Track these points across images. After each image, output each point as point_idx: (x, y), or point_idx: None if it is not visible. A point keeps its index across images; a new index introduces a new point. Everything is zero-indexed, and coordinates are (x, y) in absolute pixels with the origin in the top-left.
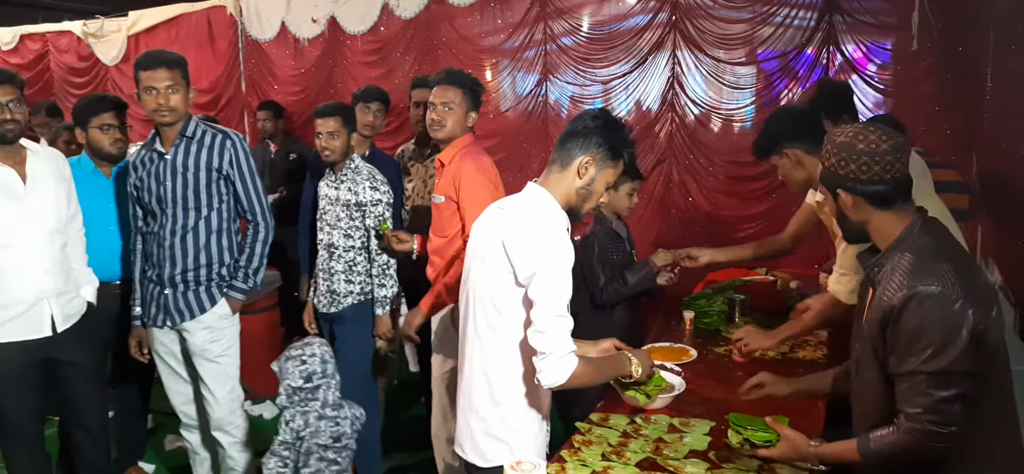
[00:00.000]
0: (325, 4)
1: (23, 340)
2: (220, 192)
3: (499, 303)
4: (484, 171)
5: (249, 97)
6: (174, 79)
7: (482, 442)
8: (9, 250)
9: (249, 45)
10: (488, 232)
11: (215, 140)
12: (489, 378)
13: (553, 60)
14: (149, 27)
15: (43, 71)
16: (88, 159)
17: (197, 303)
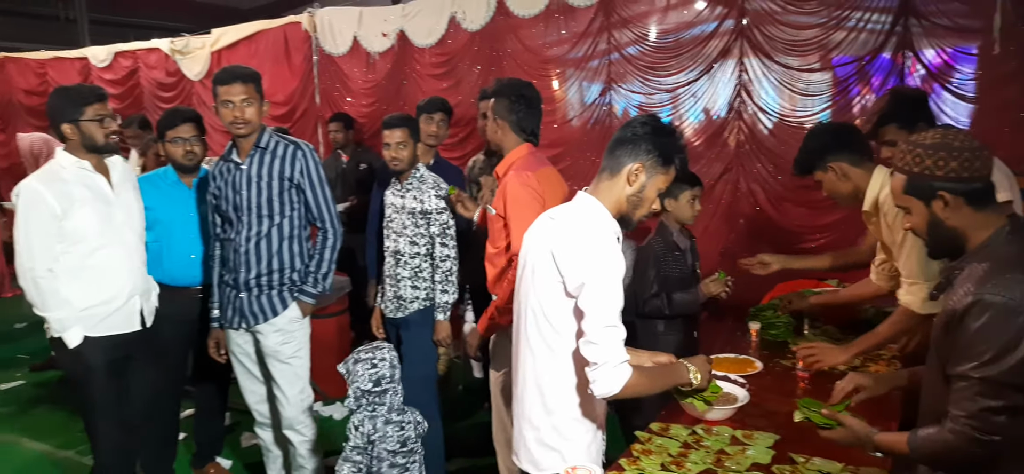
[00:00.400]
0: (395, 18)
1: (118, 334)
2: (292, 200)
3: (550, 313)
4: (527, 186)
5: (322, 109)
6: (249, 93)
7: (535, 451)
8: (106, 250)
9: (323, 59)
10: (538, 242)
11: (287, 151)
12: (541, 388)
13: (617, 69)
14: (230, 44)
15: (134, 86)
16: (172, 170)
17: (270, 306)
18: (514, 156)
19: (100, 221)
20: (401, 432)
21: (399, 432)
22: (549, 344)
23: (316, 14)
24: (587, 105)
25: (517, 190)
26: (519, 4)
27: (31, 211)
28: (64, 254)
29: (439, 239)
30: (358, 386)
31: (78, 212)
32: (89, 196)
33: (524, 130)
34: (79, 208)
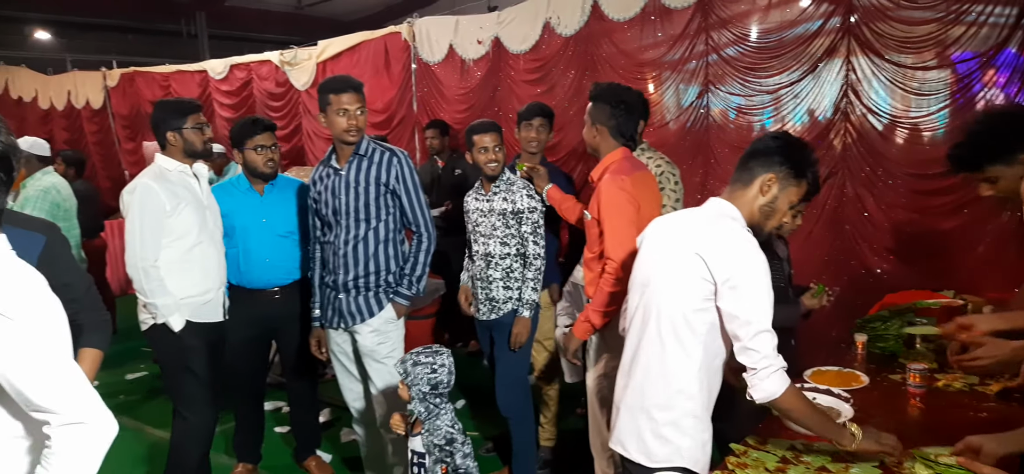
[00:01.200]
0: (490, 26)
1: (210, 322)
2: (387, 205)
3: (688, 312)
4: (623, 190)
5: (419, 116)
6: (361, 102)
7: (651, 442)
8: (201, 247)
9: (420, 67)
10: (677, 242)
11: (384, 157)
12: (668, 382)
13: (716, 71)
14: (334, 54)
15: (247, 96)
16: (244, 178)
17: (367, 307)
18: (609, 160)
19: (198, 220)
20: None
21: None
22: (682, 341)
23: (415, 24)
24: (684, 108)
25: (612, 194)
26: (614, 8)
27: (145, 206)
28: (168, 248)
29: (532, 238)
30: (420, 388)
31: (182, 210)
32: (189, 197)
33: (622, 135)
34: (183, 207)
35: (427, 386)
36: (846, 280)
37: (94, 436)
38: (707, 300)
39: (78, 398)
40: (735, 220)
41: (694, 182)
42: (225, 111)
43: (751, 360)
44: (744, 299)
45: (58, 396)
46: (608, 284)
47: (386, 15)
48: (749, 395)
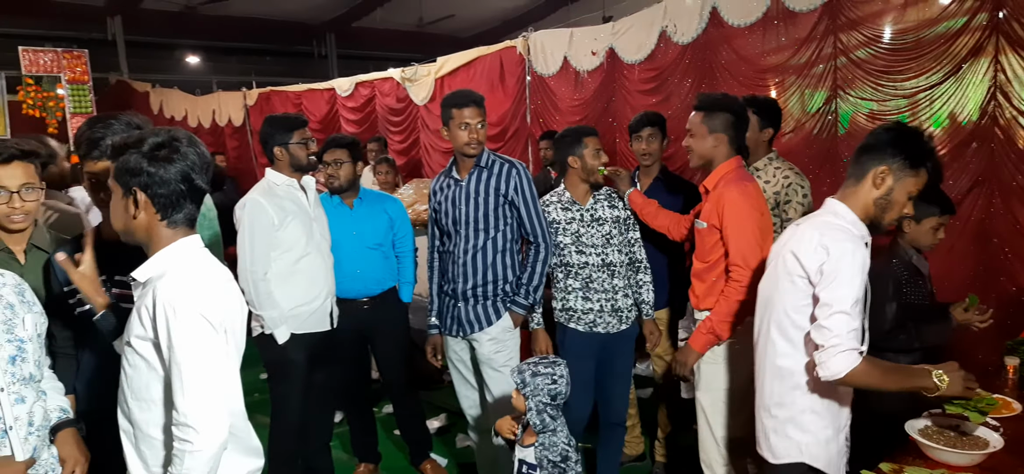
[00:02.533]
0: (604, 36)
1: (314, 332)
2: (505, 215)
3: (789, 308)
4: (748, 197)
5: (533, 128)
6: (482, 116)
7: (772, 438)
8: (309, 258)
9: (535, 80)
10: (780, 243)
11: (503, 168)
12: (780, 378)
13: (844, 75)
14: (452, 70)
15: (371, 112)
16: (334, 194)
17: (485, 315)
18: (726, 168)
19: (305, 232)
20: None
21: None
22: (789, 337)
23: (529, 38)
24: (809, 114)
25: (737, 200)
26: (734, 13)
27: (254, 220)
28: (276, 260)
29: (639, 242)
30: (539, 399)
31: (289, 223)
32: (296, 209)
33: (737, 143)
34: (290, 220)
35: (547, 397)
36: (994, 298)
37: (199, 442)
38: (806, 296)
39: (199, 405)
40: (836, 216)
41: (821, 192)
42: (350, 126)
43: (822, 337)
44: (828, 284)
45: (184, 398)
46: (735, 293)
47: (501, 30)
48: (816, 372)
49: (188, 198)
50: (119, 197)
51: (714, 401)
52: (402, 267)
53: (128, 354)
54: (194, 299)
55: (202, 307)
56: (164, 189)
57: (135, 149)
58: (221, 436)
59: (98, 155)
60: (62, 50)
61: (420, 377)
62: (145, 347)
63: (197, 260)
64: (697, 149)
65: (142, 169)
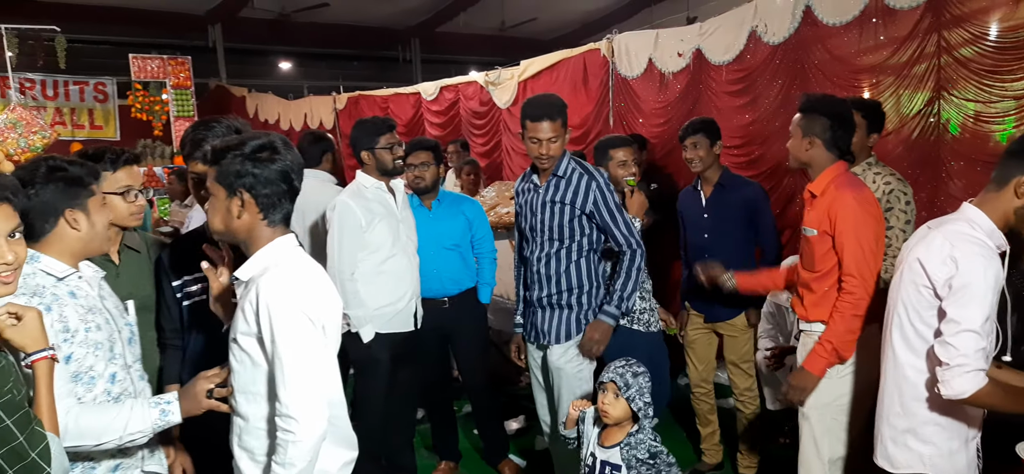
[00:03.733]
0: (691, 38)
1: (398, 332)
2: (582, 227)
3: (914, 317)
4: (865, 204)
5: (616, 130)
6: (556, 131)
7: (890, 447)
8: (395, 259)
9: (618, 83)
10: (909, 249)
11: (581, 181)
12: (900, 388)
13: (948, 74)
14: (535, 73)
15: (454, 115)
16: (415, 196)
17: (562, 328)
18: (833, 173)
19: (391, 234)
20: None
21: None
22: (912, 346)
23: (614, 40)
24: (908, 117)
25: (854, 208)
26: (829, 12)
27: (343, 222)
28: (363, 261)
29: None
30: (643, 399)
31: (377, 225)
32: (384, 212)
33: (838, 148)
34: (378, 222)
35: (648, 396)
36: None
37: (300, 432)
38: (931, 307)
39: (300, 397)
40: (971, 225)
41: (921, 199)
42: (434, 130)
43: (947, 355)
44: (956, 300)
45: (286, 390)
46: (850, 307)
47: (582, 33)
48: (937, 389)
49: (287, 198)
50: (222, 198)
51: (821, 418)
52: (481, 268)
53: (234, 350)
54: (295, 296)
55: (302, 303)
56: (267, 189)
57: (237, 151)
58: (321, 427)
59: (201, 156)
60: (167, 57)
61: (499, 378)
62: (249, 343)
63: (295, 258)
64: (792, 151)
65: (247, 171)
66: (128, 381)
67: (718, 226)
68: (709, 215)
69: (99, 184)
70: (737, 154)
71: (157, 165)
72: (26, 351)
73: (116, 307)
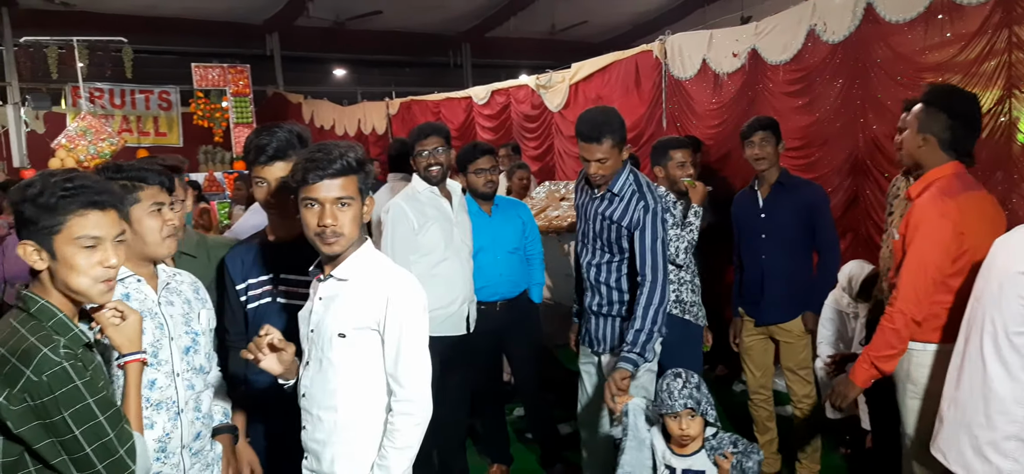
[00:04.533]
0: (747, 37)
1: (448, 336)
2: (630, 247)
3: (1010, 331)
4: (946, 216)
5: (669, 132)
6: (607, 152)
7: (970, 458)
8: (447, 263)
9: (671, 84)
10: (1005, 257)
11: (631, 200)
12: (987, 399)
13: (1020, 72)
14: (586, 76)
15: (505, 119)
16: (472, 199)
17: (612, 336)
18: (935, 176)
19: (444, 237)
20: None
21: None
22: (1004, 360)
23: (667, 41)
24: None
25: (929, 217)
26: (892, 8)
27: (396, 225)
28: (414, 264)
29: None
30: (710, 407)
31: (429, 228)
32: (437, 215)
33: (955, 149)
34: (430, 225)
35: (711, 396)
36: None
37: (418, 414)
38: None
39: (419, 381)
40: None
41: None
42: (486, 133)
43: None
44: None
45: (409, 375)
46: (893, 322)
47: (633, 34)
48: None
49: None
50: (359, 205)
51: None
52: (532, 269)
53: (336, 345)
54: (418, 291)
55: (420, 296)
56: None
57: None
58: (431, 408)
59: (264, 160)
60: (227, 66)
61: (552, 382)
62: (363, 336)
63: (385, 259)
64: (905, 145)
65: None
66: (172, 389)
67: (774, 228)
68: (766, 216)
69: (144, 191)
70: (795, 156)
71: (217, 170)
72: (121, 351)
73: (182, 314)
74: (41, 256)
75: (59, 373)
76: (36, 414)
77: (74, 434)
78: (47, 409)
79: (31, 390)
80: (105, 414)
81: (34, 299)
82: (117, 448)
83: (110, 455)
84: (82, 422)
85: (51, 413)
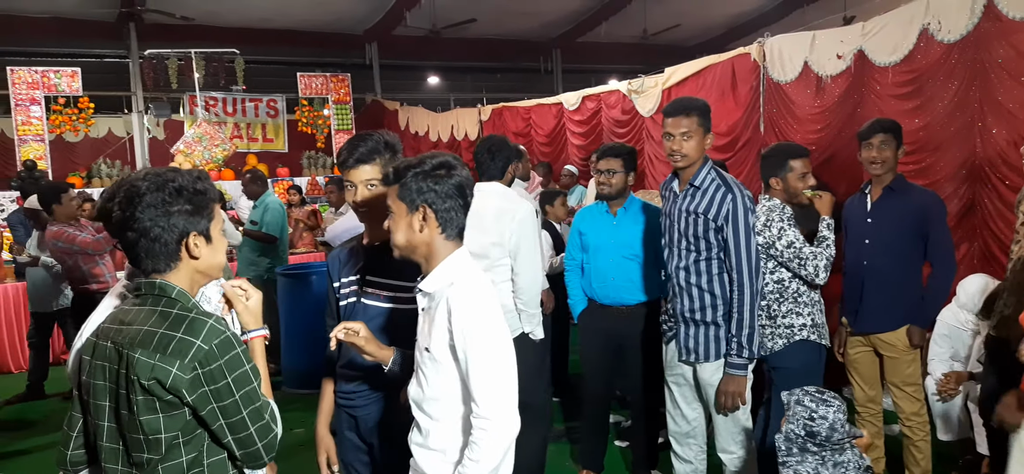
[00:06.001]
0: (853, 38)
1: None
2: (717, 241)
3: None
4: None
5: (767, 138)
6: (690, 127)
7: None
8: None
9: (770, 88)
10: None
11: (718, 192)
12: None
13: None
14: (680, 80)
15: (596, 125)
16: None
17: (707, 346)
18: None
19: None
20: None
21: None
22: None
23: (765, 43)
24: None
25: None
26: (1015, 5)
27: (537, 228)
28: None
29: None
30: (790, 427)
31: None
32: None
33: None
34: None
35: (802, 429)
36: None
37: (492, 432)
38: None
39: (496, 397)
40: None
41: None
42: (576, 139)
43: None
44: None
45: (482, 392)
46: None
47: (727, 37)
48: None
49: (462, 212)
50: (404, 214)
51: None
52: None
53: (425, 358)
54: (486, 306)
55: (492, 311)
56: (445, 204)
57: (417, 169)
58: (513, 428)
59: (352, 164)
60: (330, 75)
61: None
62: (442, 351)
63: (475, 269)
64: None
65: (427, 187)
66: None
67: (881, 234)
68: (873, 220)
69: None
70: (906, 162)
71: (319, 175)
72: (247, 328)
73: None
74: (198, 244)
75: (225, 341)
76: (205, 380)
77: (235, 398)
78: (214, 375)
79: (202, 358)
80: (257, 381)
81: (169, 286)
82: (263, 414)
83: (260, 419)
84: (241, 387)
85: (217, 379)
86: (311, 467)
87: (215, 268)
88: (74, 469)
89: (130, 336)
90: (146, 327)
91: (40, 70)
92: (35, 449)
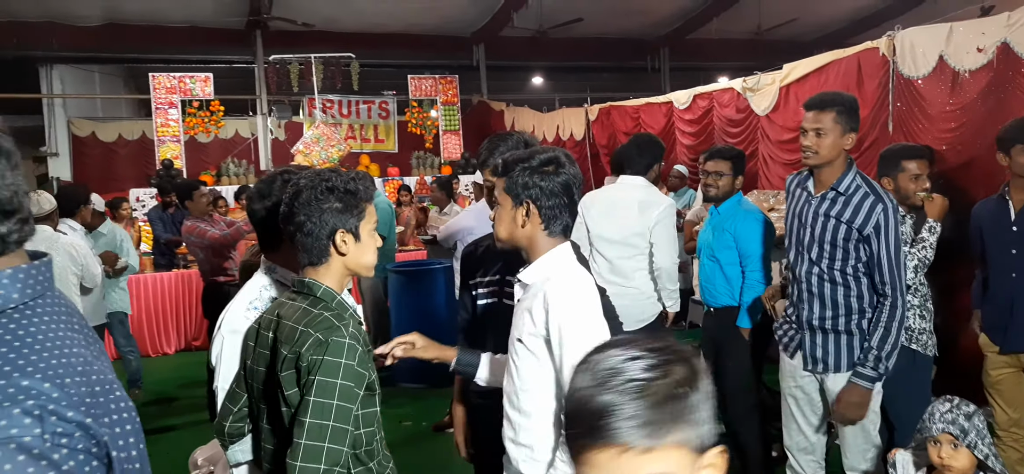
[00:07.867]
0: (995, 30)
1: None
2: (858, 252)
3: None
4: None
5: (895, 137)
6: (824, 123)
7: None
8: None
9: (899, 84)
10: None
11: (866, 201)
12: None
13: None
14: (800, 77)
15: (707, 124)
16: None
17: (838, 355)
18: None
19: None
20: None
21: None
22: None
23: (896, 36)
24: None
25: None
26: None
27: (673, 221)
28: None
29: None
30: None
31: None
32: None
33: None
34: None
35: (989, 436)
36: None
37: None
38: None
39: None
40: None
41: None
42: (686, 138)
43: None
44: None
45: None
46: None
47: (848, 31)
48: None
49: (567, 210)
50: (509, 208)
51: None
52: (744, 288)
53: (518, 349)
54: (584, 297)
55: (590, 304)
56: (550, 201)
57: (525, 164)
58: None
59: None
60: (438, 77)
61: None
62: (536, 343)
63: (575, 266)
64: None
65: (533, 183)
66: None
67: None
68: (1019, 229)
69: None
70: None
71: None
72: None
73: None
74: (346, 241)
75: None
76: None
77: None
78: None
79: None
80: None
81: (317, 284)
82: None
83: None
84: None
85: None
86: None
87: (364, 267)
88: (230, 440)
89: (283, 329)
90: (291, 322)
91: (177, 76)
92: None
